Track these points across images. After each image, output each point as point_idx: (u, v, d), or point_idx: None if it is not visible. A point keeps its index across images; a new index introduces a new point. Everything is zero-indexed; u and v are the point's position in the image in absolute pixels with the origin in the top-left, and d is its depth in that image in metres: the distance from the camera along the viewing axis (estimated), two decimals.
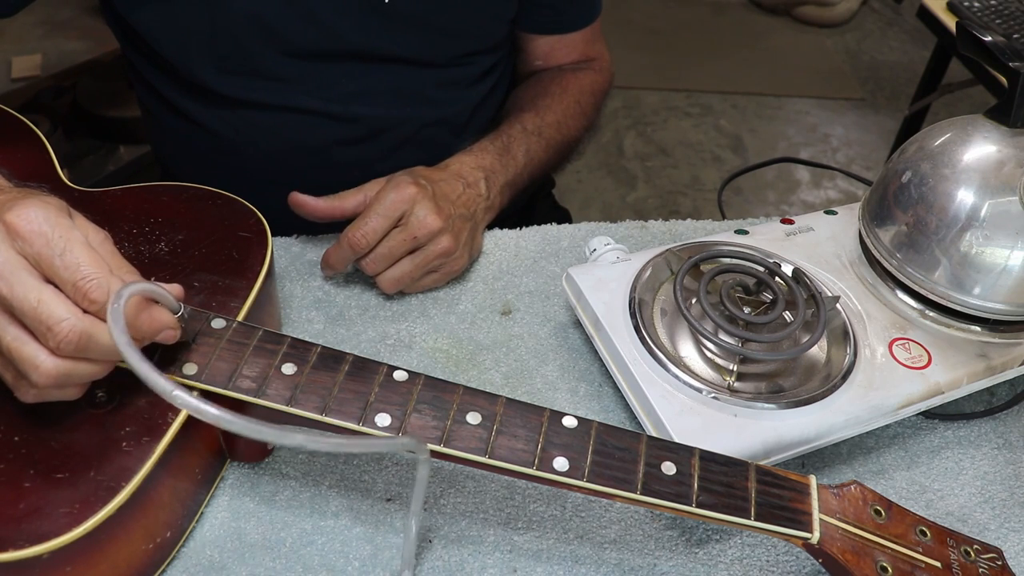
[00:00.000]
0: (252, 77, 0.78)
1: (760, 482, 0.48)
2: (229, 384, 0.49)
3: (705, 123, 2.49)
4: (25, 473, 0.45)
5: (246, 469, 0.57)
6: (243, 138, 0.82)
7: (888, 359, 0.60)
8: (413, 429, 0.48)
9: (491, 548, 0.54)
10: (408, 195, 0.67)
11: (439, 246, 0.68)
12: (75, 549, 0.43)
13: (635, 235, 0.78)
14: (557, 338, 0.68)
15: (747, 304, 0.62)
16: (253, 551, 0.53)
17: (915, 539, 0.48)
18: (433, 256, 0.68)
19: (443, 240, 0.68)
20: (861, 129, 2.50)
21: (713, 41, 2.85)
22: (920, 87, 1.91)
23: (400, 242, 0.67)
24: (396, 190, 0.67)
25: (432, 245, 0.68)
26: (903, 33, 2.97)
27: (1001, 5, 1.62)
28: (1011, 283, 0.59)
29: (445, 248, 0.68)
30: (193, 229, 0.61)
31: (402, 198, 0.67)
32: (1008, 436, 0.64)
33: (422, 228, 0.67)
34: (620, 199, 2.20)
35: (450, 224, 0.69)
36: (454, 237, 0.69)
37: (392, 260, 0.68)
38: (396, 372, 0.51)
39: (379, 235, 0.67)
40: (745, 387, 0.58)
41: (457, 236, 0.70)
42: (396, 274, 0.68)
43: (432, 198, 0.68)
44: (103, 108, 1.80)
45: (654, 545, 0.55)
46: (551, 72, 0.93)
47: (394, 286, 0.69)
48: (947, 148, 0.61)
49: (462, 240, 0.70)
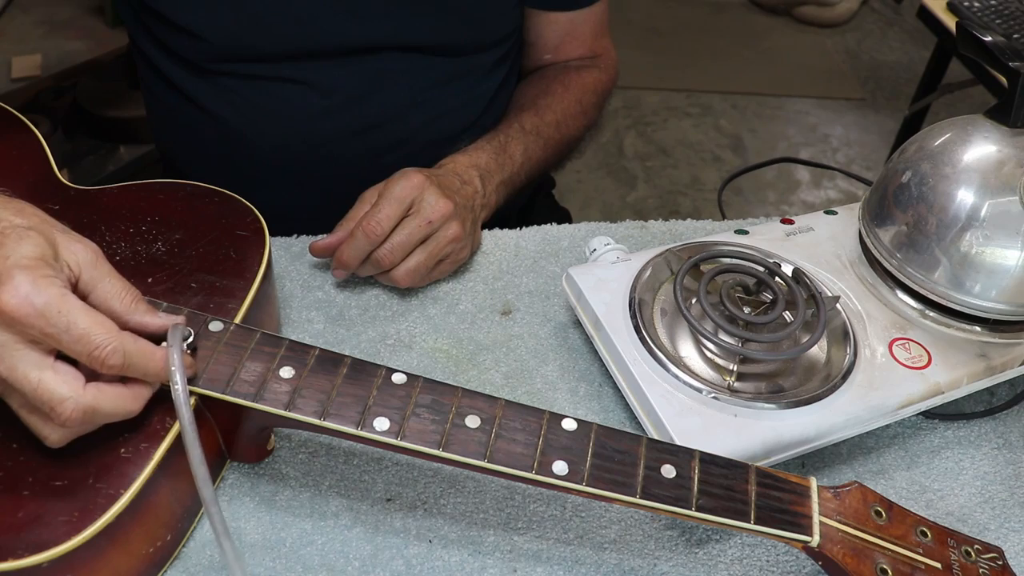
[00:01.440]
0: (266, 62, 0.78)
1: (760, 485, 0.48)
2: (227, 388, 0.49)
3: (705, 123, 2.49)
4: (24, 481, 0.45)
5: (246, 469, 0.57)
6: (249, 125, 0.82)
7: (888, 359, 0.60)
8: (412, 433, 0.48)
9: (491, 548, 0.54)
10: (417, 181, 0.68)
11: (449, 231, 0.68)
12: (75, 557, 0.43)
13: (635, 235, 0.78)
14: (557, 338, 0.68)
15: (747, 304, 0.61)
16: (253, 551, 0.52)
17: (915, 540, 0.48)
18: (444, 243, 0.69)
19: (453, 225, 0.69)
20: (861, 129, 2.50)
21: (713, 41, 2.85)
22: (920, 87, 1.91)
23: (416, 228, 0.67)
24: (404, 178, 0.68)
25: (443, 231, 0.68)
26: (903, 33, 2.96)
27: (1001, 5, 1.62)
28: (1011, 283, 0.59)
29: (455, 233, 0.69)
30: (190, 228, 0.60)
31: (412, 184, 0.67)
32: (1008, 436, 0.64)
33: (435, 211, 0.67)
34: (620, 199, 2.20)
35: (457, 210, 0.69)
36: (461, 224, 0.70)
37: (408, 249, 0.68)
38: (395, 375, 0.50)
39: (393, 221, 0.67)
40: (745, 387, 0.58)
41: (463, 223, 0.70)
42: (412, 264, 0.68)
43: (438, 185, 0.69)
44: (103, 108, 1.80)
45: (654, 545, 0.55)
46: (556, 68, 0.92)
47: (409, 277, 0.68)
48: (947, 148, 0.61)
49: (467, 228, 0.71)
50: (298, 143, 0.82)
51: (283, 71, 0.79)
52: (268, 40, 0.77)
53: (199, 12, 0.75)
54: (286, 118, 0.81)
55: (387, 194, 0.67)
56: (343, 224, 0.69)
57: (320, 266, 0.72)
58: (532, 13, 0.90)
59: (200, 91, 0.81)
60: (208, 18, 0.76)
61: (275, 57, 0.78)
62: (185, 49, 0.79)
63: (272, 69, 0.79)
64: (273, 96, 0.80)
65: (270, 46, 0.78)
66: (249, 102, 0.80)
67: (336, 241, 0.68)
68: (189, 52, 0.79)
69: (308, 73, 0.79)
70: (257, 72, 0.79)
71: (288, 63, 0.79)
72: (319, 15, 0.76)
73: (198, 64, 0.79)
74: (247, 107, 0.81)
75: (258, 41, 0.77)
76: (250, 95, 0.80)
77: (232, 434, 0.54)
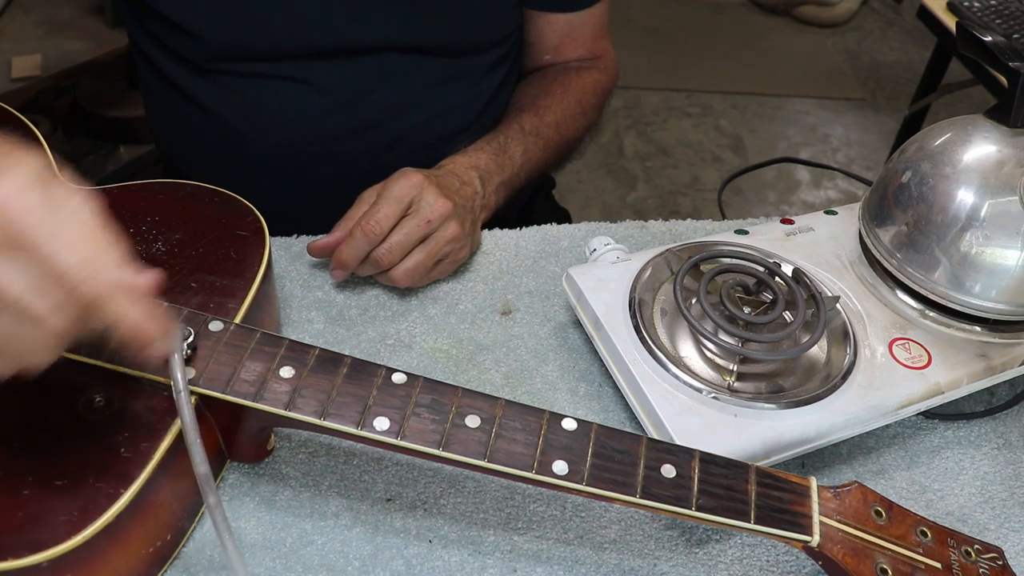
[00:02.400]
0: (266, 61, 0.78)
1: (760, 484, 0.48)
2: (227, 388, 0.49)
3: (705, 123, 2.49)
4: (24, 481, 0.45)
5: (246, 469, 0.57)
6: (249, 124, 0.82)
7: (888, 359, 0.60)
8: (412, 432, 0.48)
9: (491, 548, 0.54)
10: (416, 181, 0.68)
11: (448, 231, 0.68)
12: (75, 557, 0.43)
13: (635, 235, 0.78)
14: (557, 338, 0.68)
15: (747, 304, 0.61)
16: (253, 551, 0.52)
17: (916, 540, 0.48)
18: (443, 242, 0.69)
19: (452, 225, 0.69)
20: (861, 129, 2.50)
21: (713, 41, 2.85)
22: (920, 87, 1.91)
23: (415, 227, 0.67)
24: (403, 177, 0.68)
25: (441, 231, 0.68)
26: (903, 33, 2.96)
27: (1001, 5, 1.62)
28: (1011, 283, 0.59)
29: (454, 233, 0.69)
30: (190, 228, 0.61)
31: (410, 183, 0.68)
32: (1008, 436, 0.64)
33: (434, 211, 0.67)
34: (620, 199, 2.20)
35: (456, 210, 0.69)
36: (460, 223, 0.70)
37: (407, 248, 0.68)
38: (395, 374, 0.50)
39: (392, 221, 0.67)
40: (745, 387, 0.58)
41: (462, 223, 0.70)
42: (410, 264, 0.68)
43: (437, 185, 0.69)
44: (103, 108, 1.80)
45: (654, 545, 0.55)
46: (555, 69, 0.92)
47: (408, 277, 0.68)
48: (947, 148, 0.61)
49: (466, 228, 0.71)
50: (297, 141, 0.83)
51: (282, 70, 0.79)
52: (267, 40, 0.77)
53: (199, 12, 0.75)
54: (285, 117, 0.81)
55: (386, 194, 0.67)
56: (341, 224, 0.69)
57: (320, 266, 0.72)
58: (532, 14, 0.90)
59: (199, 90, 0.81)
60: (208, 17, 0.76)
61: (274, 56, 0.79)
62: (185, 48, 0.79)
63: (271, 68, 0.79)
64: (272, 95, 0.80)
65: (269, 46, 0.78)
66: (248, 101, 0.81)
67: (335, 241, 0.68)
68: (189, 51, 0.79)
69: (307, 72, 0.79)
70: (256, 71, 0.79)
71: (287, 62, 0.79)
72: (318, 15, 0.76)
73: (197, 63, 0.79)
74: (246, 106, 0.81)
75: (257, 41, 0.77)
76: (249, 94, 0.80)
77: (232, 434, 0.54)
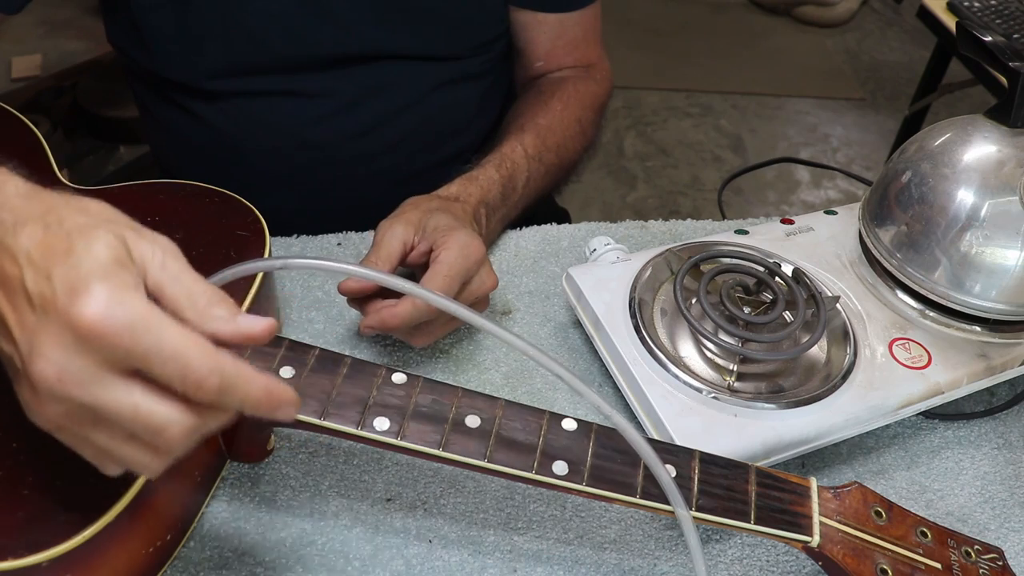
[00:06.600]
0: (259, 75, 0.79)
1: (760, 485, 0.48)
2: None
3: (705, 123, 2.49)
4: (24, 481, 0.45)
5: (246, 469, 0.57)
6: (244, 133, 0.82)
7: (888, 359, 0.60)
8: (412, 433, 0.48)
9: (491, 548, 0.54)
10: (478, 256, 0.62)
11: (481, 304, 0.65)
12: (75, 557, 0.43)
13: (635, 235, 0.78)
14: (557, 338, 0.68)
15: (747, 304, 0.61)
16: (253, 551, 0.52)
17: (916, 540, 0.48)
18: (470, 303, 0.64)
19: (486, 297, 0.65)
20: (861, 129, 2.50)
21: (713, 41, 2.85)
22: (920, 87, 1.91)
23: None
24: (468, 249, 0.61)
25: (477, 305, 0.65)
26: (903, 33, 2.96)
27: (1001, 5, 1.62)
28: (1011, 283, 0.59)
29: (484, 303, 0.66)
30: (190, 228, 0.60)
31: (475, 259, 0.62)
32: (1008, 436, 0.64)
33: (483, 288, 0.63)
34: (620, 199, 2.20)
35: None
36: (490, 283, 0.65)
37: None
38: (395, 374, 0.50)
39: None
40: (745, 387, 0.58)
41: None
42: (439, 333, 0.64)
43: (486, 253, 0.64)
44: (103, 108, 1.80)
45: (654, 545, 0.55)
46: (551, 82, 0.90)
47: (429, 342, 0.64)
48: (947, 148, 0.61)
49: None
50: (292, 149, 0.83)
51: (275, 83, 0.80)
52: (260, 55, 0.78)
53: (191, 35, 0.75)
54: (280, 127, 0.82)
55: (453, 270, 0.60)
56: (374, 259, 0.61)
57: None
58: (522, 18, 0.89)
59: (194, 104, 0.82)
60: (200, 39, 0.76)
61: (267, 70, 0.79)
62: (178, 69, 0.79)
63: (265, 82, 0.80)
64: (267, 107, 0.81)
65: (262, 60, 0.78)
66: (244, 113, 0.81)
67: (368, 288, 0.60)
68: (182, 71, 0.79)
69: (300, 84, 0.80)
70: (251, 86, 0.80)
71: (280, 75, 0.79)
72: (308, 29, 0.76)
73: (191, 84, 0.80)
74: (242, 118, 0.81)
75: (250, 57, 0.78)
76: (244, 107, 0.81)
77: (232, 434, 0.54)
